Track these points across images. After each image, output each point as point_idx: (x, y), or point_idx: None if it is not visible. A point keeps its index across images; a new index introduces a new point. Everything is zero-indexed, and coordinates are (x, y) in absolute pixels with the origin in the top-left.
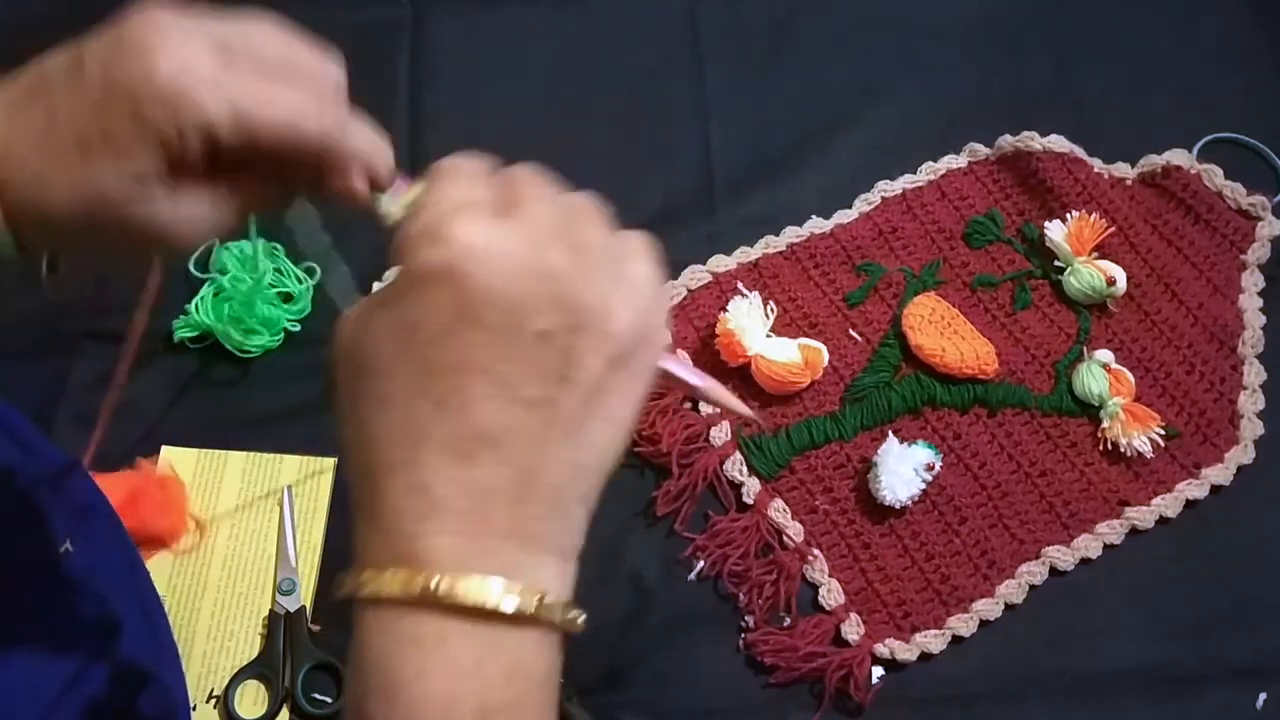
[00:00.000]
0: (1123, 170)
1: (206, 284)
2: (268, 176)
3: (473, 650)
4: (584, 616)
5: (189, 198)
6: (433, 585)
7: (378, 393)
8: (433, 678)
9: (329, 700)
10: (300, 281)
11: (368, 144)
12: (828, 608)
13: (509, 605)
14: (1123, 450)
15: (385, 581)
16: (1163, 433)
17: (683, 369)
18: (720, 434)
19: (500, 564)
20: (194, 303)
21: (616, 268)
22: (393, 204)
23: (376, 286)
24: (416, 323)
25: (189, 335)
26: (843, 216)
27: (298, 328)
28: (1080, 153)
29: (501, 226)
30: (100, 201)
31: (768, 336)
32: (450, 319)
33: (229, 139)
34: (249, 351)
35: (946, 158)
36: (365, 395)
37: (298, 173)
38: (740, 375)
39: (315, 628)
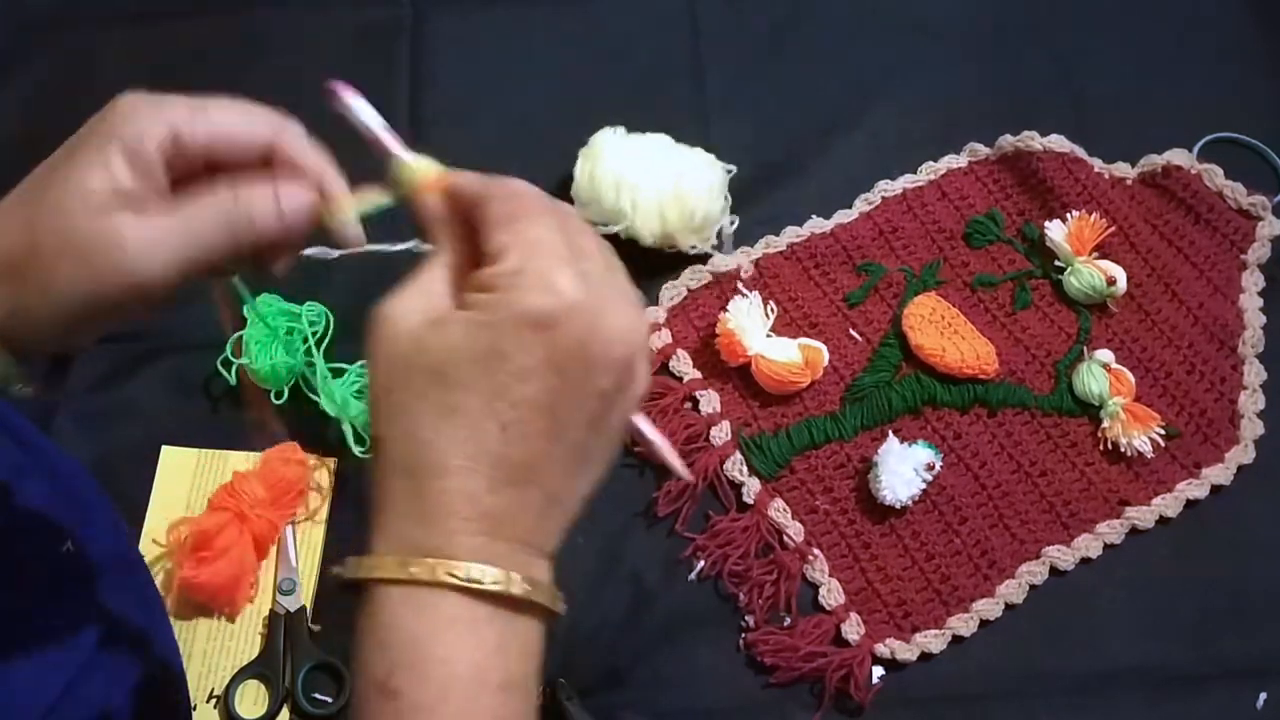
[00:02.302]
0: (1123, 170)
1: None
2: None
3: (498, 632)
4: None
5: (154, 220)
6: (474, 575)
7: (449, 402)
8: (464, 655)
9: (329, 700)
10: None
11: (318, 160)
12: (828, 608)
13: (537, 595)
14: (1123, 450)
15: (434, 569)
16: (1163, 432)
17: (645, 424)
18: (720, 434)
19: (515, 563)
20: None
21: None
22: (411, 165)
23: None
24: (508, 355)
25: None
26: (843, 216)
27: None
28: (1080, 152)
29: (587, 284)
30: (66, 216)
31: (768, 336)
32: (538, 362)
33: (188, 142)
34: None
35: (947, 157)
36: (432, 399)
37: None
38: (740, 375)
39: (315, 628)
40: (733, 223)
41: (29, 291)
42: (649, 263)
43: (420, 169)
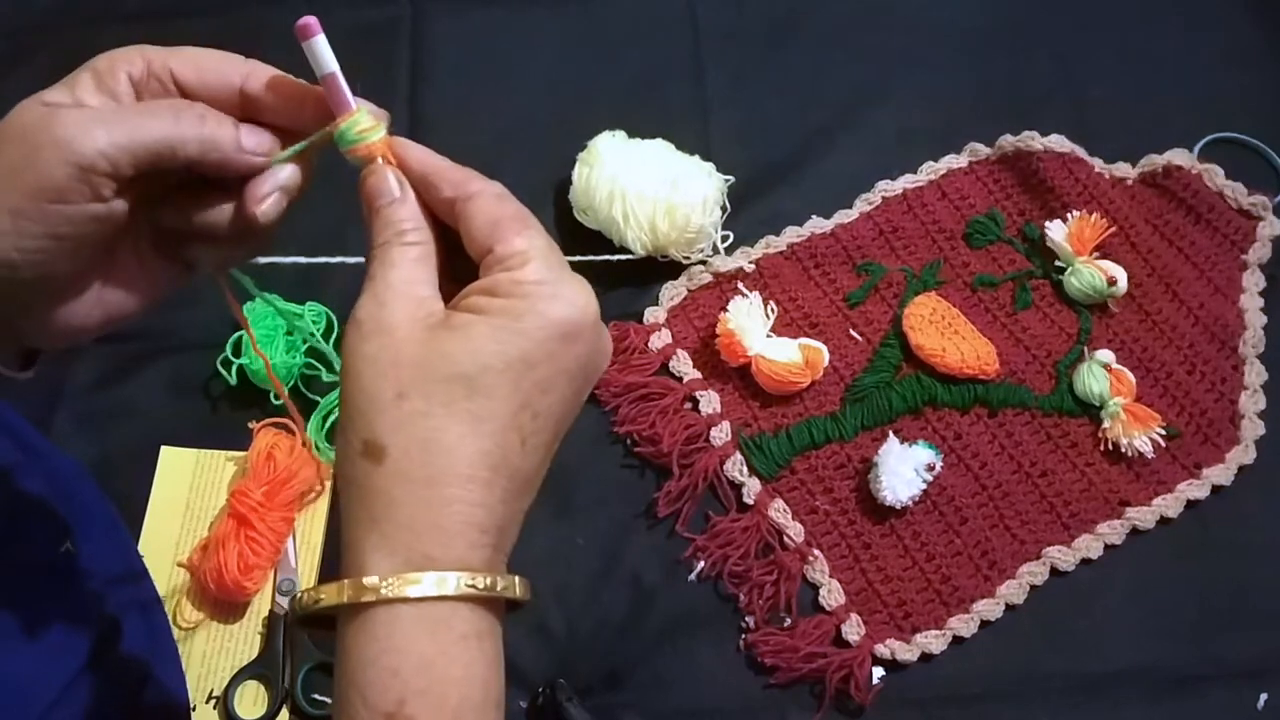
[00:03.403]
0: (1123, 170)
1: None
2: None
3: (495, 643)
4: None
5: (100, 107)
6: (489, 583)
7: (476, 411)
8: (476, 673)
9: (329, 700)
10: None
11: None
12: (828, 608)
13: (526, 595)
14: (1123, 450)
15: (450, 581)
16: (1163, 433)
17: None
18: (720, 434)
19: (503, 570)
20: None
21: None
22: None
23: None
24: (536, 365)
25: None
26: (843, 216)
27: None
28: (1081, 152)
29: (591, 297)
30: (16, 113)
31: (768, 336)
32: (557, 372)
33: (158, 69)
34: None
35: (947, 157)
36: (459, 408)
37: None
38: (740, 375)
39: None
40: (725, 238)
41: None
42: (642, 268)
43: (380, 134)
